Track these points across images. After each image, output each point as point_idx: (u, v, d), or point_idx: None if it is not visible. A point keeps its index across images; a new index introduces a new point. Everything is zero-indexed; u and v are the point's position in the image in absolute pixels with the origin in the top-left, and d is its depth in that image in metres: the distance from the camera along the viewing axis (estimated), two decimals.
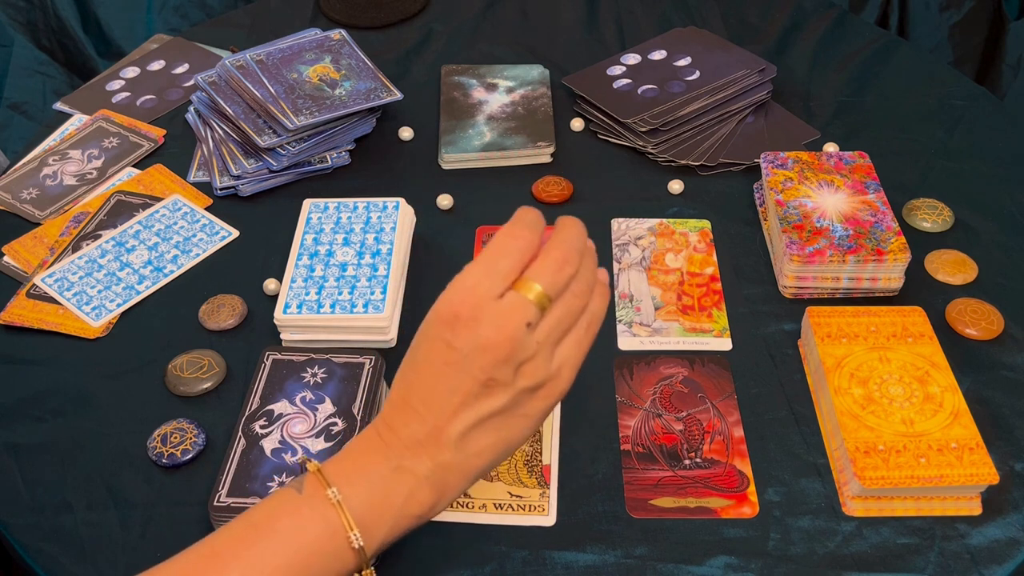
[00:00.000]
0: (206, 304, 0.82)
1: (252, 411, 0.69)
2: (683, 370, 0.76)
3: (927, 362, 0.71)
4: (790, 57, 1.09)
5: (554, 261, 0.52)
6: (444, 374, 0.52)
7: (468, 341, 0.51)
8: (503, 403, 0.52)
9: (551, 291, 0.52)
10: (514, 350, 0.51)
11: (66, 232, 0.88)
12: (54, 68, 1.71)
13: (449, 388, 0.52)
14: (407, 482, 0.53)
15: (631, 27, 1.15)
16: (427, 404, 0.53)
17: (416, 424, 0.53)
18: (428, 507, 0.54)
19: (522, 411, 0.53)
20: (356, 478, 0.53)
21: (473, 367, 0.51)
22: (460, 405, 0.52)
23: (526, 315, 0.51)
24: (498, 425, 0.53)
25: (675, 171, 0.95)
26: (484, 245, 0.88)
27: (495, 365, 0.51)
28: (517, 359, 0.51)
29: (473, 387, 0.51)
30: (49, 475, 0.70)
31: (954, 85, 1.05)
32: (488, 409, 0.52)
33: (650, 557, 0.64)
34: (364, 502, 0.53)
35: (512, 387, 0.52)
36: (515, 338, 0.51)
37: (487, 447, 0.54)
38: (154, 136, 1.00)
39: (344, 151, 0.96)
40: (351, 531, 0.52)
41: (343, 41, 1.02)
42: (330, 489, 0.52)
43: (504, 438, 0.54)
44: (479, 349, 0.51)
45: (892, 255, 0.78)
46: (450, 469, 0.53)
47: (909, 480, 0.64)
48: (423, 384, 0.53)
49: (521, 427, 0.54)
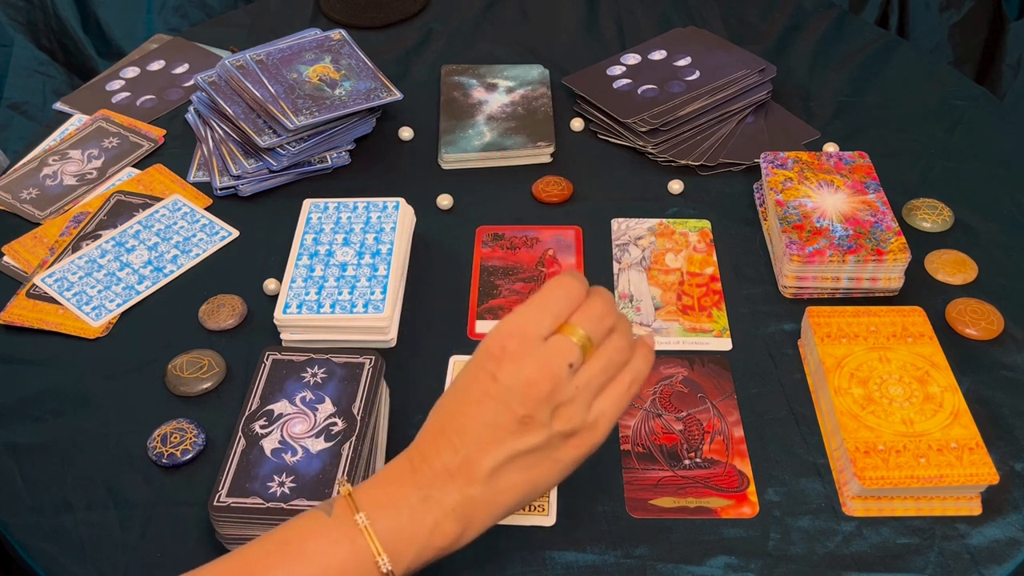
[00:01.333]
0: (206, 304, 0.82)
1: (252, 411, 0.69)
2: (683, 370, 0.76)
3: (927, 362, 0.71)
4: (790, 57, 1.09)
5: (595, 311, 0.55)
6: (483, 404, 0.53)
7: (511, 375, 0.52)
8: (537, 443, 0.53)
9: (594, 337, 0.54)
10: (555, 389, 0.52)
11: (66, 232, 0.88)
12: (54, 68, 1.71)
13: (486, 420, 0.53)
14: (434, 512, 0.53)
15: (631, 27, 1.15)
16: (462, 434, 0.53)
17: (449, 454, 0.54)
18: (452, 539, 0.54)
19: (554, 455, 0.54)
20: (384, 505, 0.53)
21: (513, 401, 0.52)
22: (495, 439, 0.53)
23: (569, 356, 0.53)
24: (529, 464, 0.54)
25: (675, 171, 0.95)
26: (484, 246, 0.88)
27: (535, 402, 0.52)
28: (556, 399, 0.53)
29: (510, 422, 0.53)
30: (49, 475, 0.70)
31: (954, 85, 1.05)
32: (522, 447, 0.53)
33: (650, 557, 0.64)
34: (390, 529, 0.53)
35: (547, 428, 0.53)
36: (557, 376, 0.52)
37: (515, 485, 0.54)
38: (154, 136, 1.00)
39: (344, 151, 0.96)
40: (379, 556, 0.52)
41: (343, 41, 1.02)
42: (358, 514, 0.53)
43: (532, 479, 0.54)
44: (521, 384, 0.52)
45: (892, 255, 0.78)
46: (477, 504, 0.54)
47: (909, 480, 0.64)
48: (462, 413, 0.54)
49: (550, 471, 0.55)
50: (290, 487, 0.64)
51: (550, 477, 0.55)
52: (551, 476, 0.55)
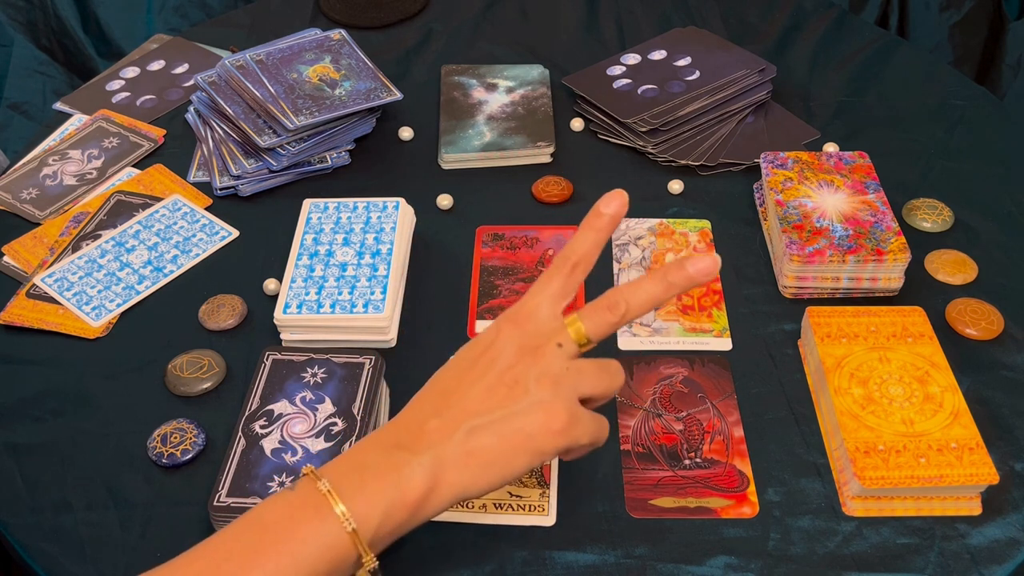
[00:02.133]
0: (206, 304, 0.82)
1: (252, 411, 0.69)
2: (683, 370, 0.76)
3: (927, 362, 0.71)
4: (790, 57, 1.09)
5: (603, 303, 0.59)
6: (477, 377, 0.57)
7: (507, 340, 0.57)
8: (518, 407, 0.55)
9: (593, 333, 0.58)
10: (541, 359, 0.56)
11: (66, 232, 0.88)
12: (54, 68, 1.71)
13: (479, 385, 0.56)
14: (401, 464, 0.54)
15: (631, 27, 1.15)
16: (460, 403, 0.56)
17: (434, 420, 0.55)
18: (421, 492, 0.54)
19: (528, 429, 0.55)
20: (349, 470, 0.54)
21: (512, 370, 0.56)
22: (483, 402, 0.56)
23: (560, 337, 0.57)
24: (504, 432, 0.55)
25: (675, 171, 0.95)
26: (484, 246, 0.88)
27: (530, 372, 0.56)
28: (543, 369, 0.56)
29: (500, 387, 0.56)
30: (49, 475, 0.70)
31: (954, 85, 1.05)
32: (506, 409, 0.55)
33: (650, 557, 0.64)
34: (355, 488, 0.53)
35: (527, 396, 0.55)
36: (545, 353, 0.56)
37: (486, 448, 0.54)
38: (154, 136, 1.00)
39: (344, 151, 0.96)
40: (344, 519, 0.52)
41: (343, 41, 1.02)
42: (320, 481, 0.53)
43: (504, 449, 0.55)
44: (512, 348, 0.57)
45: (892, 255, 0.78)
46: (448, 460, 0.54)
47: (909, 480, 0.64)
48: (459, 382, 0.57)
49: (523, 448, 0.55)
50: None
51: (522, 455, 0.55)
52: (523, 454, 0.55)
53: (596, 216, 0.59)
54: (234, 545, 0.52)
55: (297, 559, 0.51)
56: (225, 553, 0.52)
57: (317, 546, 0.52)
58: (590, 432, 0.57)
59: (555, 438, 0.55)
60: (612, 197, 0.59)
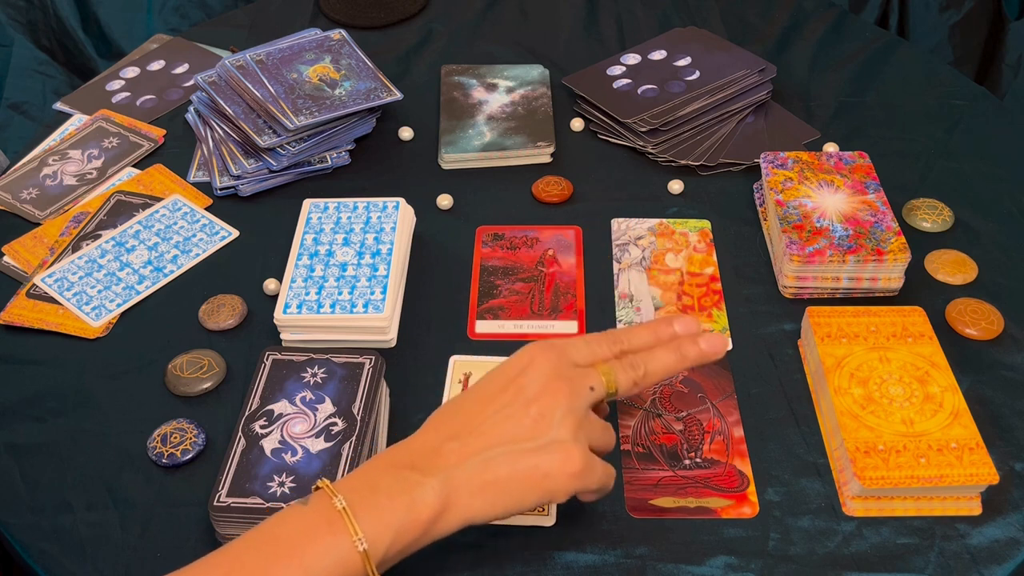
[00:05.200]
0: (206, 304, 0.82)
1: (252, 411, 0.69)
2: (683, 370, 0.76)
3: (927, 362, 0.71)
4: (790, 57, 1.09)
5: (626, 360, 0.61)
6: (502, 412, 0.57)
7: (535, 380, 0.58)
8: (539, 443, 0.56)
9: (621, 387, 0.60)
10: (572, 396, 0.57)
11: (66, 232, 0.88)
12: (54, 68, 1.71)
13: (505, 426, 0.56)
14: (413, 485, 0.54)
15: (631, 27, 1.15)
16: (477, 434, 0.56)
17: (452, 443, 0.56)
18: (432, 513, 0.54)
19: (545, 467, 0.56)
20: (362, 487, 0.54)
21: (529, 401, 0.57)
22: (505, 419, 0.56)
23: (592, 381, 0.59)
24: (517, 461, 0.55)
25: (675, 171, 0.95)
26: (484, 246, 0.88)
27: (551, 400, 0.57)
28: (570, 407, 0.57)
29: (525, 418, 0.56)
30: (49, 475, 0.70)
31: (954, 85, 1.05)
32: (527, 443, 0.56)
33: (650, 557, 0.64)
34: (367, 507, 0.53)
35: (550, 432, 0.56)
36: (579, 391, 0.58)
37: (499, 477, 0.55)
38: (154, 136, 1.00)
39: (344, 151, 0.97)
40: (355, 536, 0.52)
41: (343, 41, 1.02)
42: (336, 498, 0.53)
43: (517, 477, 0.55)
44: (541, 384, 0.57)
45: (892, 255, 0.78)
46: (459, 482, 0.55)
47: (909, 480, 0.64)
48: (479, 416, 0.57)
49: (533, 479, 0.56)
50: (290, 487, 0.64)
51: (535, 491, 0.56)
52: (536, 491, 0.56)
53: (667, 325, 0.62)
54: (246, 557, 0.52)
55: (308, 573, 0.51)
56: (237, 565, 0.52)
57: (328, 562, 0.52)
58: (600, 480, 0.59)
59: (570, 480, 0.56)
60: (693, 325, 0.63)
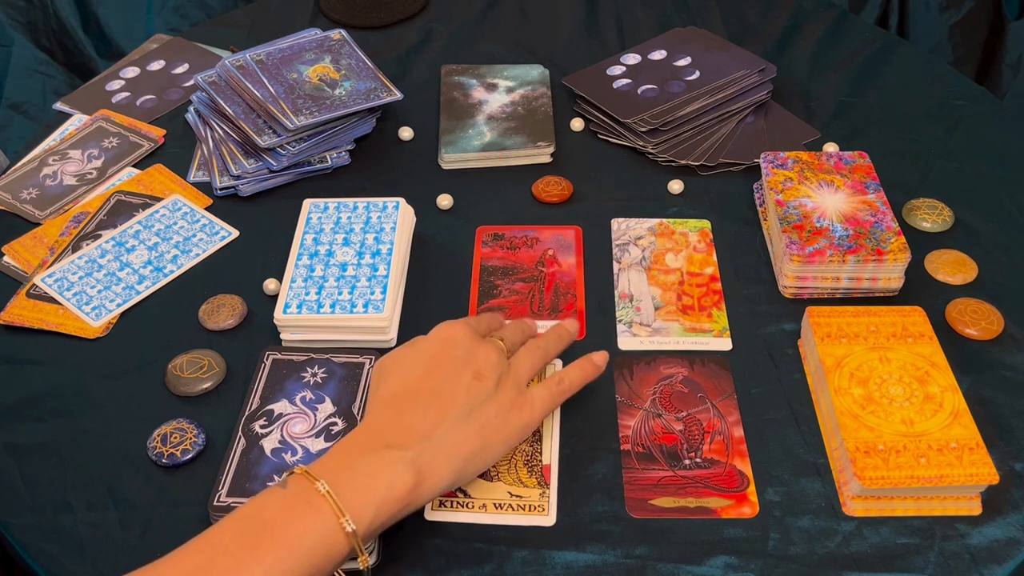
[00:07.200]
0: (206, 304, 0.82)
1: (252, 411, 0.69)
2: (683, 370, 0.76)
3: (927, 362, 0.71)
4: (790, 57, 1.09)
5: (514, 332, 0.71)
6: (448, 368, 0.63)
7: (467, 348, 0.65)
8: (487, 398, 0.62)
9: (512, 346, 0.69)
10: (499, 359, 0.65)
11: (66, 232, 0.88)
12: (54, 68, 1.72)
13: (450, 377, 0.62)
14: (391, 463, 0.57)
15: (631, 27, 1.15)
16: (435, 395, 0.61)
17: (418, 416, 0.60)
18: (409, 487, 0.57)
19: (502, 417, 0.63)
20: (340, 468, 0.57)
21: (470, 362, 0.64)
22: (456, 394, 0.62)
23: (500, 345, 0.67)
24: (482, 421, 0.62)
25: (675, 171, 0.95)
26: (484, 246, 0.88)
27: (486, 363, 0.64)
28: (499, 369, 0.64)
29: (469, 378, 0.62)
30: (49, 475, 0.70)
31: (954, 85, 1.05)
32: (476, 401, 0.62)
33: (650, 557, 0.64)
34: (348, 487, 0.55)
35: (495, 391, 0.63)
36: (498, 351, 0.66)
37: (468, 438, 0.61)
38: (154, 136, 1.00)
39: (344, 151, 0.97)
40: (342, 517, 0.54)
41: (343, 41, 1.02)
42: (318, 482, 0.55)
43: (484, 435, 0.62)
44: (476, 353, 0.64)
45: (892, 255, 0.78)
46: (433, 452, 0.59)
47: (909, 480, 0.64)
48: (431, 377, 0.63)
49: (499, 433, 0.63)
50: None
51: (499, 441, 0.62)
52: (500, 440, 0.63)
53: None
54: (231, 539, 0.53)
55: (294, 552, 0.53)
56: (221, 547, 0.53)
57: (313, 540, 0.53)
58: (547, 403, 0.66)
59: (521, 424, 0.64)
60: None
